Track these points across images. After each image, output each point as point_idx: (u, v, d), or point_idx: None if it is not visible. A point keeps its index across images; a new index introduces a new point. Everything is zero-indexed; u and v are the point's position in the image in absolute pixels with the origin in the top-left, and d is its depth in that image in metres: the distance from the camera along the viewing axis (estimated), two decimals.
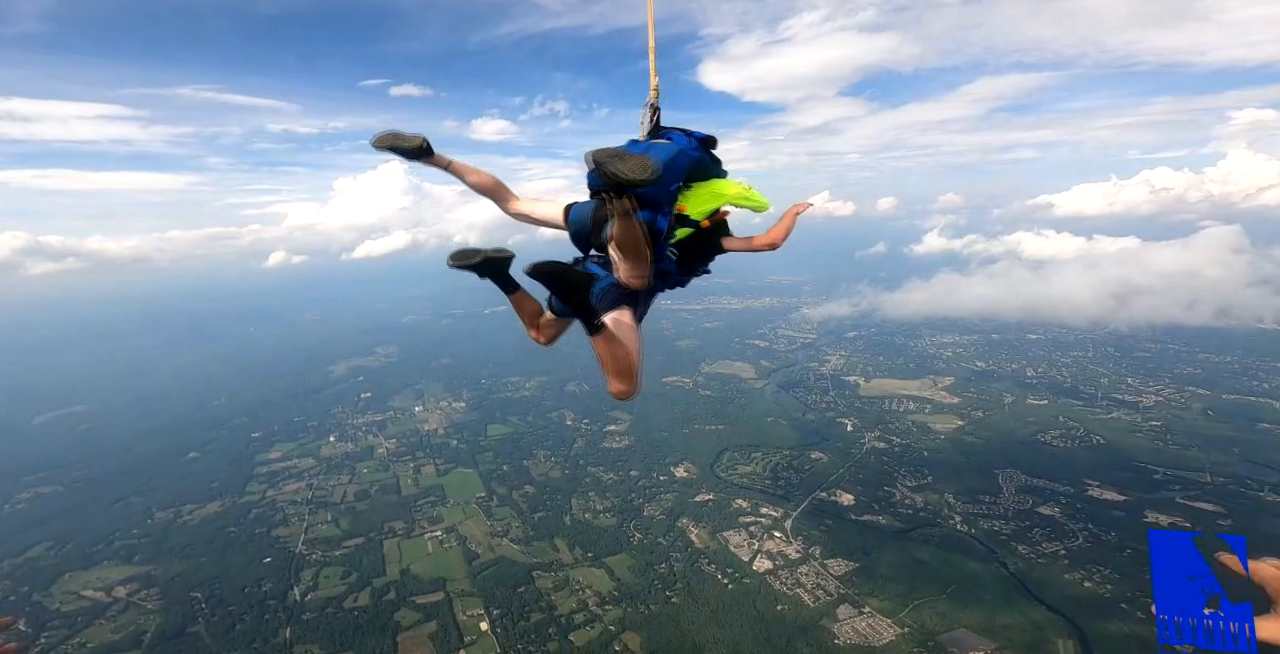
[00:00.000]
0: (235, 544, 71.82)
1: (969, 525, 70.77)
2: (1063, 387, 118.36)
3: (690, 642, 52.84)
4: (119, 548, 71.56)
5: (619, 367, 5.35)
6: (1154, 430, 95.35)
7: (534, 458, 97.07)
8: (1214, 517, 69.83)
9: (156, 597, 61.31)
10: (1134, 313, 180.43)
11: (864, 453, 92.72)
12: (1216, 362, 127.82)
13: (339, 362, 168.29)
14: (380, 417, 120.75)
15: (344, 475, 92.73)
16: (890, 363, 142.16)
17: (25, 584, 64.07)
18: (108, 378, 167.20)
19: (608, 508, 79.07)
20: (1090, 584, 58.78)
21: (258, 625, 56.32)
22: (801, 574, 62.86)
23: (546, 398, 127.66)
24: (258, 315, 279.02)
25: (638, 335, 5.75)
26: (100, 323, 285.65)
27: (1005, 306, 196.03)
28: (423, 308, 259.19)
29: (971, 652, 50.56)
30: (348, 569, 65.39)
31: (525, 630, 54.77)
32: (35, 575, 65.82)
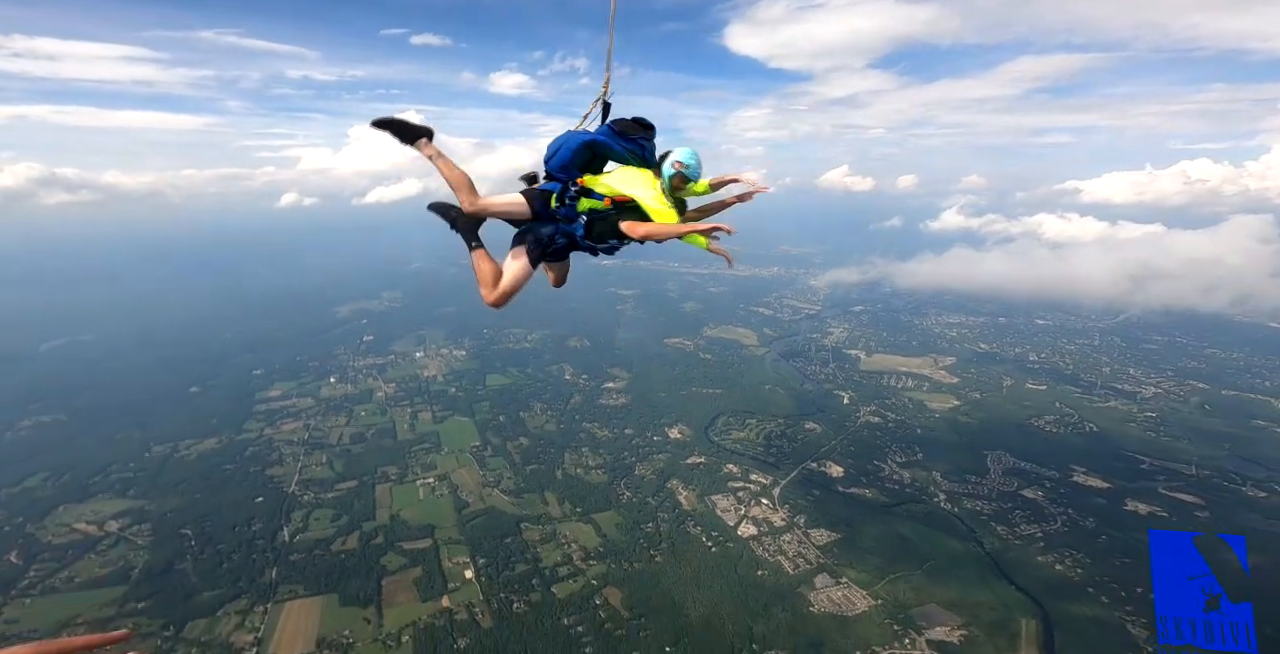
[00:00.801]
0: (229, 482, 73.14)
1: (953, 504, 71.75)
2: (1064, 373, 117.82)
3: (670, 600, 54.41)
4: (115, 481, 72.83)
5: (483, 278, 7.83)
6: (1148, 421, 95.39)
7: (530, 410, 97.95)
8: (1192, 508, 70.71)
9: (148, 532, 62.59)
10: (1149, 297, 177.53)
11: (858, 426, 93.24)
12: (1222, 357, 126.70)
13: (344, 304, 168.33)
14: (381, 360, 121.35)
15: (341, 417, 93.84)
16: (893, 339, 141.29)
17: (20, 515, 65.12)
18: (116, 309, 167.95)
19: (600, 465, 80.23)
20: (1061, 567, 60.10)
21: (245, 564, 57.71)
22: (784, 542, 64.16)
23: (547, 351, 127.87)
24: (267, 255, 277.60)
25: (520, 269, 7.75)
26: (111, 255, 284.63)
27: (1018, 284, 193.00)
28: (431, 256, 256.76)
29: (939, 626, 52.01)
30: (338, 512, 66.82)
31: (509, 580, 56.36)
32: (31, 506, 66.95)
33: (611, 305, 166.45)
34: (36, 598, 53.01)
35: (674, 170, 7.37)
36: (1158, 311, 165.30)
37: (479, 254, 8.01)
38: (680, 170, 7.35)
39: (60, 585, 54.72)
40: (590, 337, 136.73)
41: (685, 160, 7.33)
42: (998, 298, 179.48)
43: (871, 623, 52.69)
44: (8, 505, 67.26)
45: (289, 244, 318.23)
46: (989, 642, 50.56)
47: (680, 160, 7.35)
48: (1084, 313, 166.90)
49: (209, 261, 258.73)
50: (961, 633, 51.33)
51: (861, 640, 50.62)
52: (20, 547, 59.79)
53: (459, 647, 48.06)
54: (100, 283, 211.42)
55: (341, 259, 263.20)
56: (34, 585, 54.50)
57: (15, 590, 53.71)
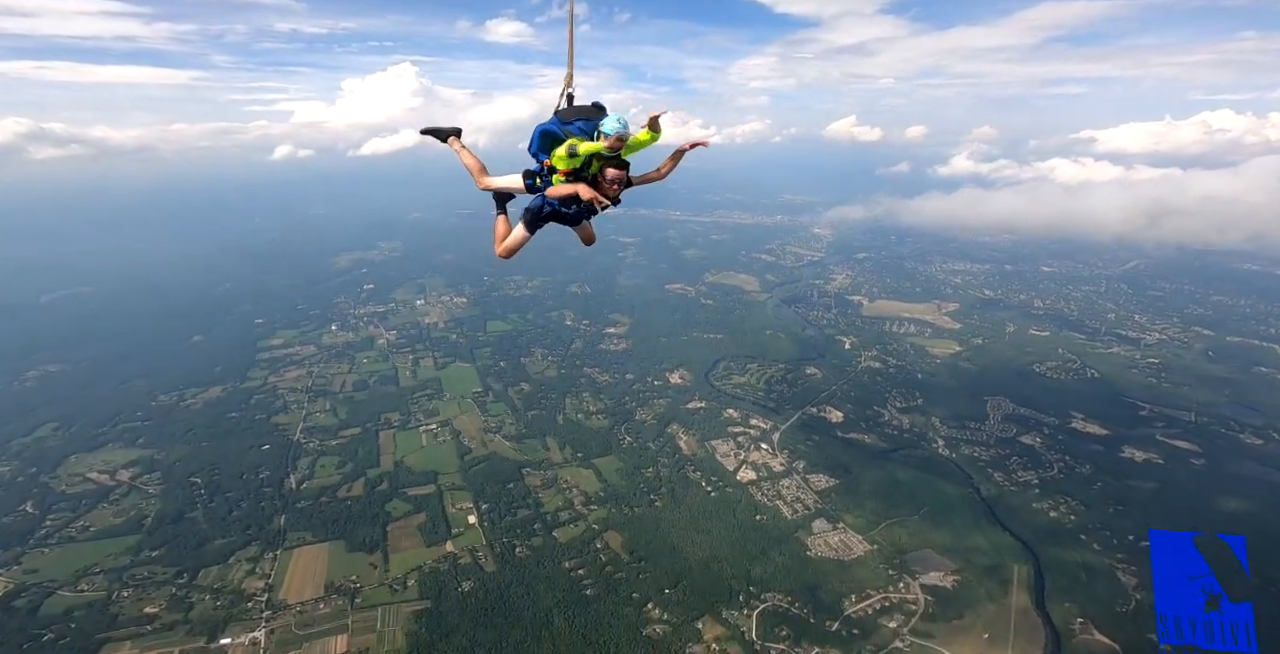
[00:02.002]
0: (235, 430, 74.04)
1: (951, 450, 72.49)
2: (1068, 319, 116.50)
3: (669, 544, 55.93)
4: (123, 430, 73.76)
5: (497, 236, 10.37)
6: (1150, 367, 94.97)
7: (531, 356, 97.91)
8: (1188, 455, 71.15)
9: (158, 481, 63.90)
10: (1164, 233, 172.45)
11: (858, 371, 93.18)
12: (1229, 304, 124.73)
13: (343, 254, 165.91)
14: (382, 308, 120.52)
15: (344, 364, 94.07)
16: (897, 285, 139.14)
17: (33, 465, 66.38)
18: (114, 261, 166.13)
19: (601, 410, 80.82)
20: (1055, 514, 61.15)
21: (253, 512, 59.14)
22: (783, 487, 65.28)
23: (548, 297, 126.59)
24: (264, 207, 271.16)
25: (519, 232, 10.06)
26: (106, 208, 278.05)
27: (1029, 220, 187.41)
28: (429, 206, 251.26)
29: (933, 571, 53.49)
30: (343, 459, 67.94)
31: (511, 525, 57.85)
32: (43, 456, 68.13)
33: (613, 253, 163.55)
34: (54, 547, 54.59)
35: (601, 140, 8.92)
36: (1170, 248, 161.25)
37: (500, 218, 10.67)
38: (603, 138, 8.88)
39: (76, 534, 56.28)
40: (591, 283, 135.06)
41: (604, 129, 8.84)
42: (1008, 234, 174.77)
43: (867, 567, 54.19)
44: (20, 455, 68.55)
45: (285, 196, 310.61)
46: (980, 586, 52.08)
47: (602, 131, 8.89)
48: (1091, 260, 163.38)
49: (204, 214, 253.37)
50: (955, 578, 52.82)
51: (857, 584, 52.19)
52: (35, 497, 61.21)
53: (463, 590, 49.85)
54: (96, 236, 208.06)
55: (339, 210, 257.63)
56: (51, 535, 56.03)
57: (33, 540, 55.27)
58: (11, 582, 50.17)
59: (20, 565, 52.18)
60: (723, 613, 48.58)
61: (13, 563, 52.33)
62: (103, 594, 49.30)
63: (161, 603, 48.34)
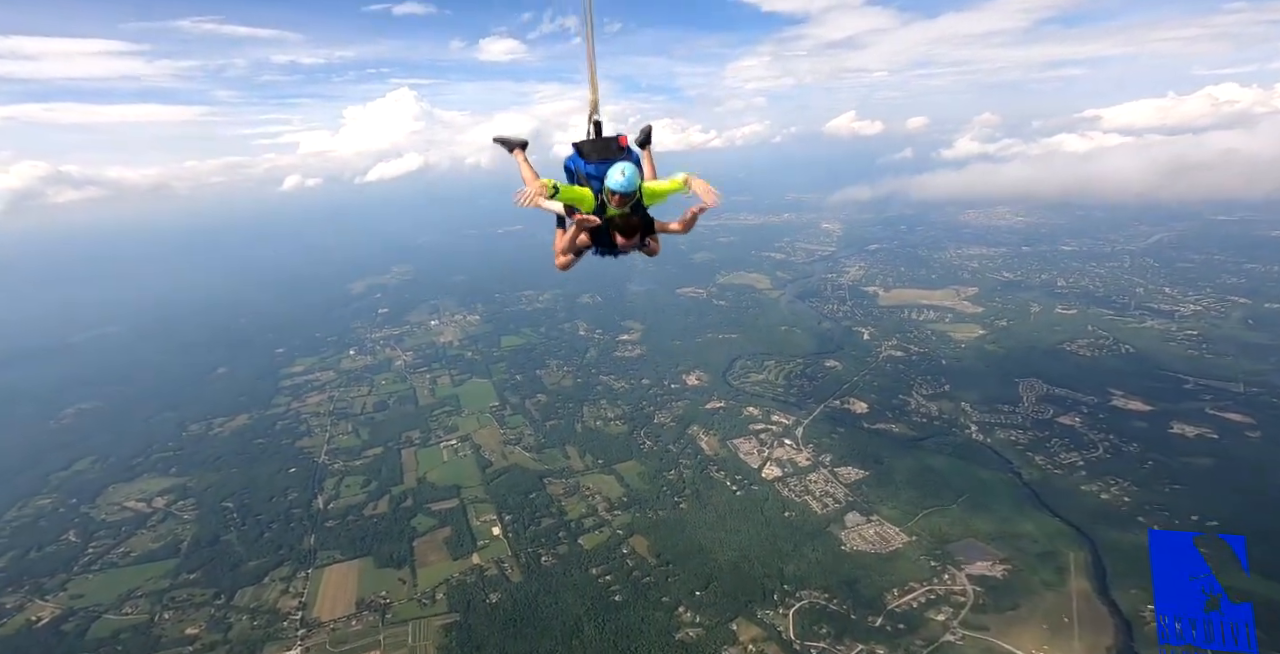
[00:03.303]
0: (263, 455, 74.90)
1: (985, 435, 69.85)
2: (1095, 296, 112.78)
3: (697, 545, 54.43)
4: (156, 460, 75.33)
5: (556, 249, 9.89)
6: (1189, 339, 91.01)
7: (547, 367, 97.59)
8: (1243, 428, 67.34)
9: (192, 507, 65.02)
10: (1186, 188, 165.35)
11: (880, 361, 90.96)
12: (1263, 271, 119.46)
13: (357, 280, 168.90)
14: (397, 330, 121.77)
15: (363, 387, 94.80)
16: (912, 273, 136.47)
17: (74, 496, 68.32)
18: (137, 300, 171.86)
19: (619, 415, 79.89)
20: (1107, 496, 58.04)
21: (284, 533, 59.57)
22: (811, 481, 63.41)
23: (560, 309, 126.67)
24: (277, 238, 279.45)
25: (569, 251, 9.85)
26: (126, 249, 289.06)
27: (1045, 186, 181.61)
28: (437, 229, 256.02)
29: (980, 561, 51.00)
30: (367, 478, 68.01)
31: (536, 535, 56.93)
32: (83, 488, 70.02)
33: (622, 261, 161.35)
34: (97, 573, 55.92)
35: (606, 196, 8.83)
36: (1194, 214, 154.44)
37: (559, 232, 10.11)
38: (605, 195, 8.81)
39: (118, 560, 57.65)
40: (601, 292, 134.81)
41: (608, 183, 8.57)
42: (1024, 203, 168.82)
43: (907, 560, 51.94)
44: (60, 488, 70.55)
45: (297, 226, 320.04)
46: (1034, 575, 49.40)
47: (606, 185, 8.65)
48: (1112, 236, 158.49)
49: (220, 248, 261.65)
50: (1004, 567, 50.20)
51: (898, 577, 49.99)
52: (77, 526, 62.86)
53: (491, 601, 48.98)
54: (119, 275, 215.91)
55: (350, 237, 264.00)
56: (94, 561, 57.45)
57: (77, 567, 56.73)
58: (59, 607, 51.67)
59: (66, 591, 53.60)
60: (757, 613, 46.87)
61: (59, 589, 53.85)
62: (145, 617, 50.33)
63: (202, 624, 49.08)
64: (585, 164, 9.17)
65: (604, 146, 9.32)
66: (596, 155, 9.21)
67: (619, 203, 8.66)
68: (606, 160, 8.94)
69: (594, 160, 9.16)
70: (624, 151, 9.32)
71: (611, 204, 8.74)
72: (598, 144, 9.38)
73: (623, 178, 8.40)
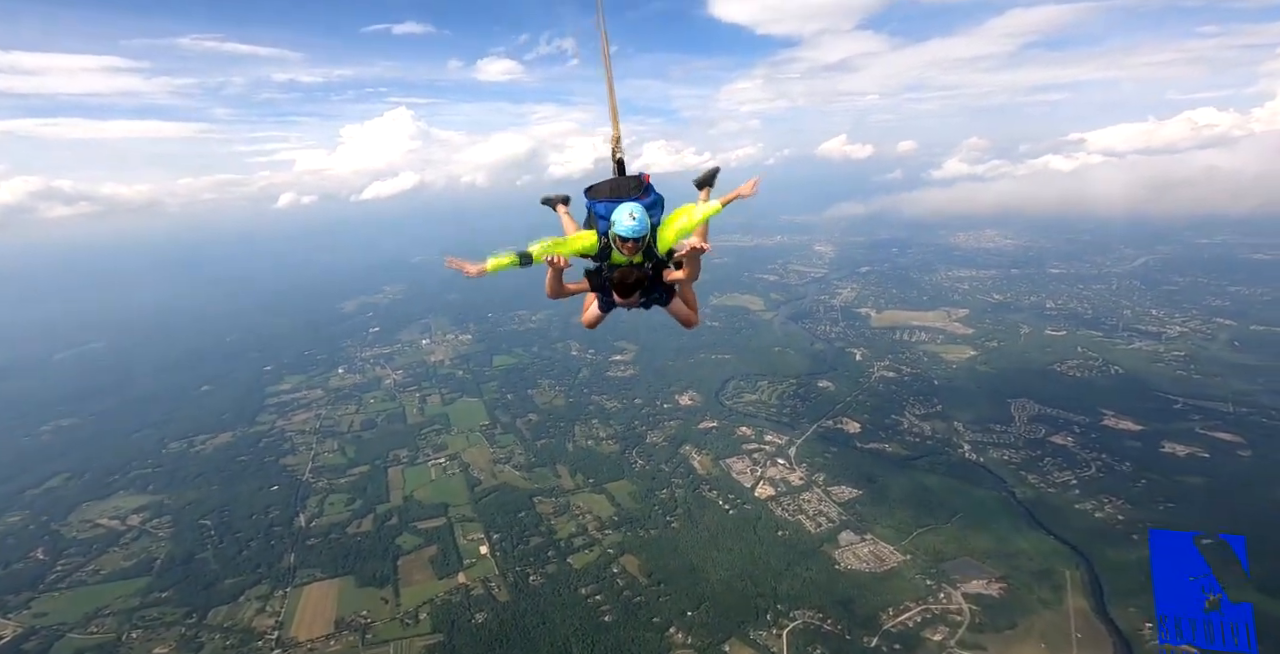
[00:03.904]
0: (245, 473, 73.11)
1: (978, 454, 69.54)
2: (1083, 318, 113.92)
3: (689, 565, 53.23)
4: (134, 477, 73.32)
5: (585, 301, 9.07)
6: (1177, 360, 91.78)
7: (539, 387, 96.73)
8: (1234, 447, 67.48)
9: (168, 524, 63.08)
10: (1172, 204, 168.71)
11: (872, 381, 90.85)
12: (1247, 294, 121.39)
13: (349, 299, 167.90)
14: (388, 349, 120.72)
15: (351, 405, 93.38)
16: (903, 295, 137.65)
17: (44, 514, 66.18)
18: (124, 317, 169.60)
19: (611, 435, 78.93)
20: (1101, 514, 57.65)
21: (263, 551, 57.81)
22: (804, 501, 62.57)
23: (553, 329, 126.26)
24: (270, 256, 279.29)
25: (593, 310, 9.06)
26: (116, 264, 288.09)
27: (1032, 203, 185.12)
28: (432, 248, 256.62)
29: (975, 580, 50.17)
30: (352, 496, 66.42)
31: (524, 554, 55.52)
32: (54, 505, 67.90)
33: None
34: (64, 591, 53.90)
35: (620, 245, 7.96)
36: (1180, 236, 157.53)
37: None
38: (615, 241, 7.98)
39: (86, 578, 55.58)
40: None
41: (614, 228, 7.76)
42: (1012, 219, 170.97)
43: (903, 578, 51.03)
44: (31, 505, 68.32)
45: (290, 244, 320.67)
46: (1031, 593, 48.61)
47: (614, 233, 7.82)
48: (1099, 259, 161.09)
49: (211, 266, 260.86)
50: (1000, 585, 49.41)
51: (894, 596, 49.01)
52: (46, 544, 60.72)
53: (477, 621, 47.43)
54: (107, 292, 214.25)
55: (343, 255, 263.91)
56: (61, 579, 55.41)
57: (43, 585, 54.66)
58: (21, 626, 49.69)
59: (30, 609, 51.60)
60: (750, 634, 45.61)
61: (22, 608, 51.83)
62: (112, 635, 48.45)
63: (171, 643, 47.25)
64: (596, 204, 8.28)
65: (621, 186, 8.38)
66: (607, 192, 8.32)
67: (630, 250, 7.74)
68: (614, 200, 8.08)
69: (600, 197, 8.29)
70: (644, 192, 8.30)
71: (622, 252, 7.81)
72: (616, 183, 8.47)
73: (633, 222, 7.47)
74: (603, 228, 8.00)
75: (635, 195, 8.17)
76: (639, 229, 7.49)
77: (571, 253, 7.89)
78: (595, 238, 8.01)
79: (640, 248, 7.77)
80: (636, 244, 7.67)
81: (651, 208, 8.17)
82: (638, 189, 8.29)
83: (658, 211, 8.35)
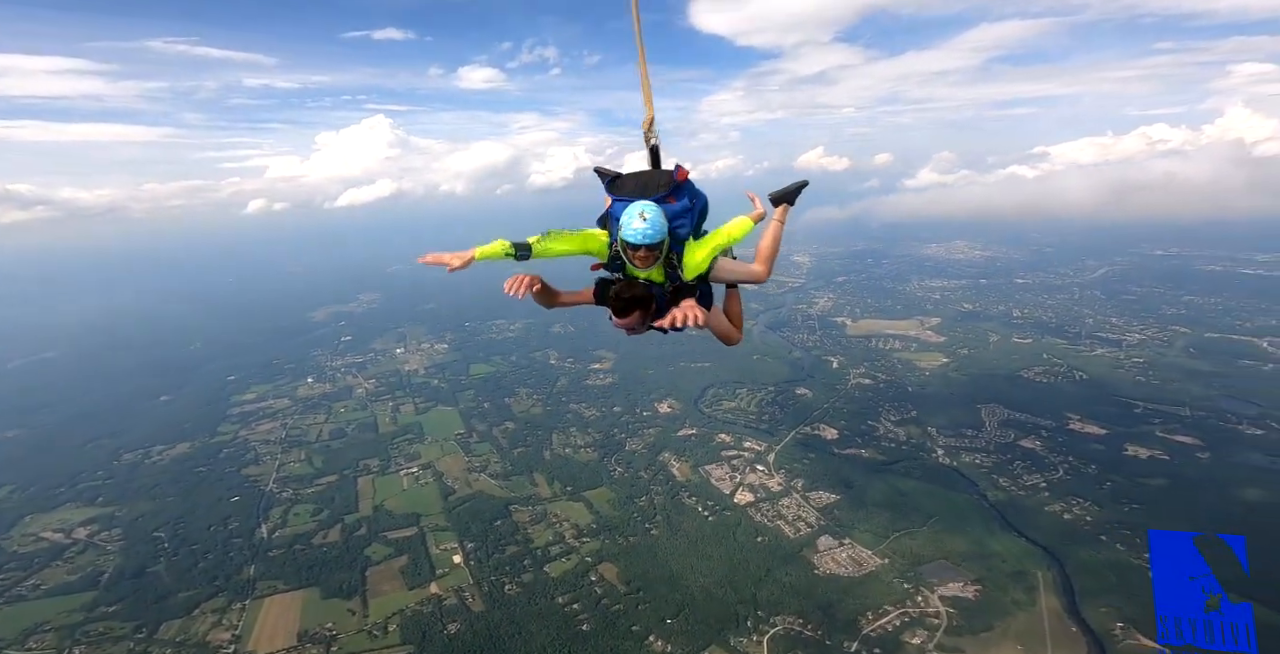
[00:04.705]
0: (204, 484, 69.98)
1: (951, 458, 70.47)
2: (1048, 326, 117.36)
3: (668, 572, 52.43)
4: (83, 490, 69.66)
5: None
6: (1136, 366, 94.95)
7: (516, 396, 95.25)
8: (1193, 449, 69.73)
9: (118, 537, 59.89)
10: (1131, 209, 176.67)
11: (849, 388, 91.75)
12: (1201, 303, 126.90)
13: (320, 308, 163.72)
14: (360, 358, 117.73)
15: (320, 415, 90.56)
16: (878, 304, 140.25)
17: None
18: (81, 324, 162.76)
19: (589, 443, 77.93)
20: (1070, 516, 58.72)
21: (221, 563, 55.18)
22: (783, 506, 62.42)
23: (531, 338, 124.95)
24: (238, 264, 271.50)
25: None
26: (75, 271, 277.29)
27: (1001, 206, 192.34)
28: (409, 257, 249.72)
29: (951, 582, 50.44)
30: (319, 506, 64.01)
31: (500, 563, 54.04)
32: None
33: None
34: (1, 606, 50.61)
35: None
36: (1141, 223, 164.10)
37: None
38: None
39: (27, 593, 52.32)
40: (574, 322, 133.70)
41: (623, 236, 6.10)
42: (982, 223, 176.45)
43: (881, 582, 51.02)
44: None
45: (260, 252, 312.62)
46: (1005, 594, 48.97)
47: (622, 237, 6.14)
48: (1062, 270, 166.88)
49: (176, 273, 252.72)
50: (976, 587, 49.72)
51: (873, 600, 48.88)
52: None
53: (449, 632, 45.78)
54: (63, 299, 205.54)
55: (316, 264, 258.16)
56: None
57: None
58: None
59: None
60: (731, 640, 44.93)
61: None
62: (52, 652, 45.63)
63: None
64: (616, 202, 6.49)
65: (649, 182, 6.63)
66: (632, 186, 6.59)
67: (642, 260, 6.15)
68: (634, 198, 6.29)
69: (623, 191, 6.53)
70: (674, 190, 6.49)
71: (633, 262, 6.22)
72: (643, 178, 6.74)
73: (642, 224, 5.88)
74: (614, 232, 6.37)
75: (661, 196, 6.38)
76: (650, 235, 5.88)
77: (574, 252, 6.51)
78: (606, 239, 6.52)
79: (656, 261, 6.19)
80: (650, 254, 6.07)
81: (682, 215, 6.49)
82: (665, 187, 6.47)
83: (691, 220, 6.62)
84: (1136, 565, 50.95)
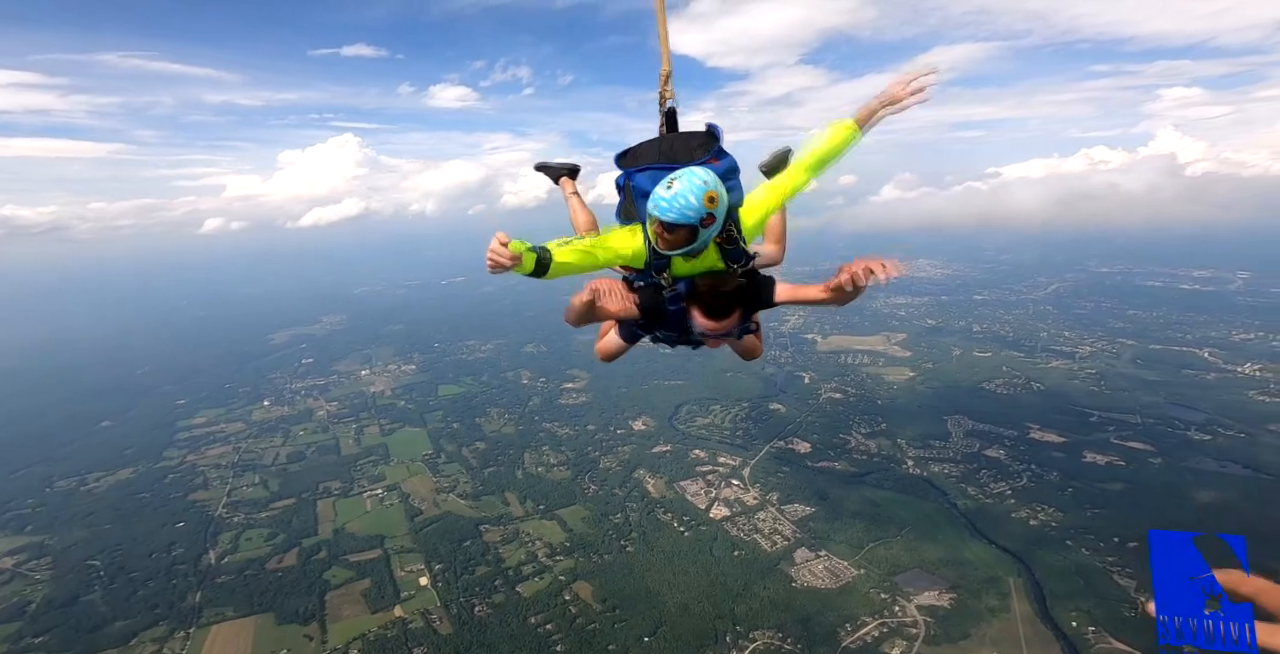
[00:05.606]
0: (145, 510, 65.54)
1: (921, 468, 71.41)
2: (1006, 340, 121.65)
3: (644, 589, 51.03)
4: (9, 519, 64.48)
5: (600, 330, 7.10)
6: (1089, 377, 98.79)
7: (487, 416, 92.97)
8: (1146, 455, 72.33)
9: (47, 566, 55.33)
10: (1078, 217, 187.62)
11: (821, 403, 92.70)
12: (1144, 317, 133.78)
13: (280, 330, 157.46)
14: (322, 381, 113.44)
15: (277, 438, 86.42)
16: (847, 321, 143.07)
17: None
18: (18, 348, 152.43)
19: (562, 462, 76.27)
20: (1036, 522, 59.85)
21: (163, 591, 51.31)
22: (759, 520, 61.91)
23: (503, 358, 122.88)
24: (192, 286, 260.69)
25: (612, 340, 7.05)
26: (12, 292, 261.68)
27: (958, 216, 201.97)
28: (377, 278, 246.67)
29: (927, 591, 50.44)
30: (274, 530, 60.52)
31: (469, 584, 51.70)
32: None
33: None
34: None
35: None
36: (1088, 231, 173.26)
37: None
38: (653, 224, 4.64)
39: None
40: (547, 342, 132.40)
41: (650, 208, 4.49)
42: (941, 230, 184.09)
43: (858, 593, 50.69)
44: None
45: (216, 273, 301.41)
46: (979, 601, 49.19)
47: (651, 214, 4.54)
48: (1017, 287, 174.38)
49: (124, 295, 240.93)
50: (951, 595, 49.83)
51: (851, 612, 48.45)
52: None
53: None
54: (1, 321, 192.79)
55: (276, 285, 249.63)
56: None
57: None
58: None
59: None
60: None
61: None
62: None
63: None
64: (637, 175, 5.15)
65: (679, 145, 5.27)
66: (654, 155, 5.22)
67: (673, 243, 4.57)
68: (666, 167, 4.91)
69: (642, 163, 5.19)
70: (713, 154, 5.19)
71: (662, 245, 4.65)
72: (668, 144, 5.41)
73: (672, 194, 4.30)
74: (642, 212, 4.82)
75: (701, 160, 5.04)
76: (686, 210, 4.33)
77: (605, 262, 5.10)
78: (643, 239, 4.96)
79: (693, 243, 4.61)
80: (688, 234, 4.50)
81: (730, 176, 5.22)
82: (702, 148, 5.16)
83: (734, 184, 5.32)
84: (1100, 568, 52.02)
